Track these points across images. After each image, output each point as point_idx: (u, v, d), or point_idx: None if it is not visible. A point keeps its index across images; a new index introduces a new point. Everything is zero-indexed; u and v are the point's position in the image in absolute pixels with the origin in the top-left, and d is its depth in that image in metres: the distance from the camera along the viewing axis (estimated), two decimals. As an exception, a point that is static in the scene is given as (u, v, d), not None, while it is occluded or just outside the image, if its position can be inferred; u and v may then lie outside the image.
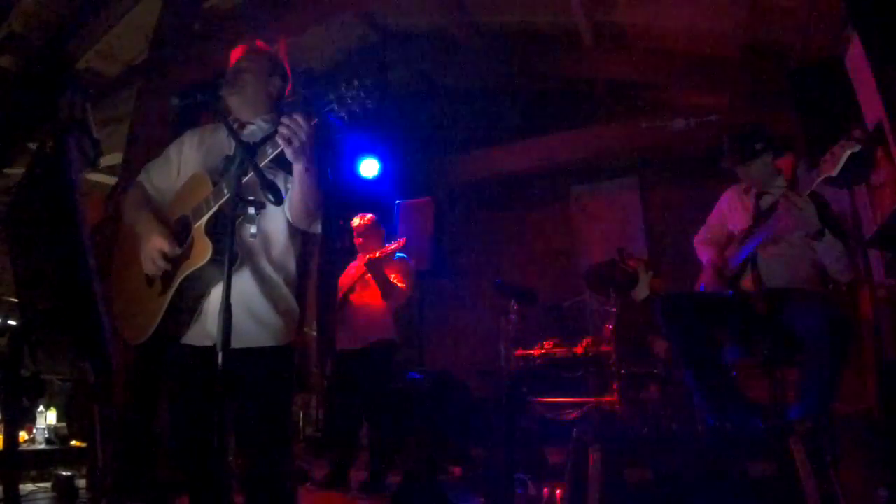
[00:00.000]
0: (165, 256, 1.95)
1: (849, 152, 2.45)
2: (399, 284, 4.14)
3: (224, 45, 2.26)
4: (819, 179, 2.54)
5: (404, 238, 4.19)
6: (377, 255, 4.06)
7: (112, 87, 5.09)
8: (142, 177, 2.21)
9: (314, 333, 4.95)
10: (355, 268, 4.39)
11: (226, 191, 1.85)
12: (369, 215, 4.44)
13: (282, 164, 1.93)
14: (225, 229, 1.74)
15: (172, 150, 2.21)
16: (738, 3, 4.39)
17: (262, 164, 1.86)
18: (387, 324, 4.21)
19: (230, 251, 1.66)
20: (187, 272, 1.94)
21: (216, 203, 1.91)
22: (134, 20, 4.64)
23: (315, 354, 4.91)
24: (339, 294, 4.34)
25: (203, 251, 1.91)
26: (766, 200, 2.84)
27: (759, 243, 2.78)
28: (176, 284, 1.96)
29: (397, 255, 4.19)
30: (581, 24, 5.16)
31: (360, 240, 4.38)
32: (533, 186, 6.74)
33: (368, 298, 4.18)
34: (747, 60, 4.98)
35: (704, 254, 3.14)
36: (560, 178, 6.61)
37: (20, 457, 3.44)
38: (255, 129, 2.12)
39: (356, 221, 4.42)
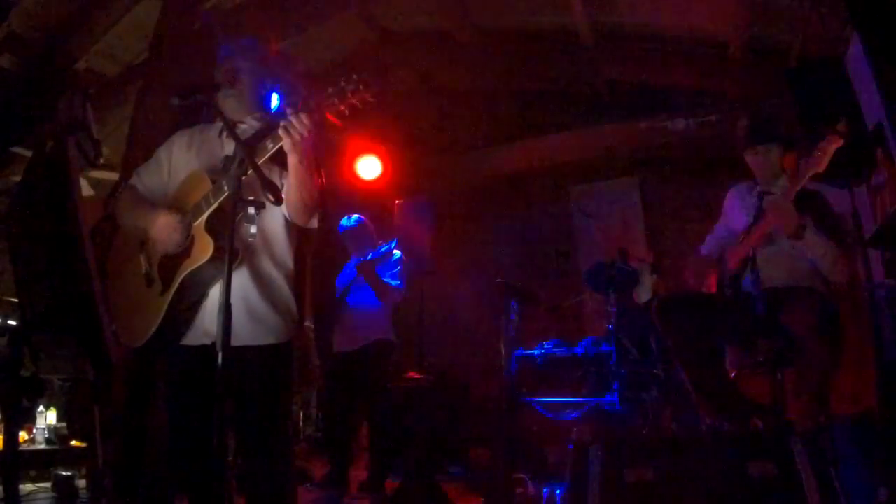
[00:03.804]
0: (182, 223, 1.94)
1: (834, 147, 2.47)
2: (393, 283, 4.12)
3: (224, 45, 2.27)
4: (807, 176, 2.56)
5: (395, 239, 4.16)
6: (368, 257, 4.03)
7: (112, 87, 5.09)
8: (133, 180, 2.22)
9: (312, 326, 4.94)
10: (350, 268, 4.37)
11: (226, 187, 1.85)
12: (355, 217, 4.40)
13: (277, 159, 1.93)
14: (225, 226, 1.74)
15: (162, 152, 2.22)
16: (738, 2, 4.39)
17: (262, 159, 1.88)
18: (384, 324, 4.19)
19: (230, 249, 1.67)
20: (188, 270, 1.94)
21: (216, 200, 1.91)
22: (134, 20, 4.64)
23: (315, 348, 4.90)
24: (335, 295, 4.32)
25: (204, 249, 1.91)
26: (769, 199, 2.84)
27: (756, 240, 2.78)
28: (177, 283, 1.95)
29: (393, 253, 4.16)
30: (581, 24, 5.16)
31: (347, 242, 4.36)
32: (533, 186, 6.73)
33: (364, 299, 4.16)
34: (747, 60, 4.98)
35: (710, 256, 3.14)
36: (560, 178, 6.59)
37: (20, 457, 3.44)
38: (246, 127, 2.14)
39: (343, 223, 4.41)
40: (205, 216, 1.93)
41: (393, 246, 4.04)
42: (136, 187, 2.19)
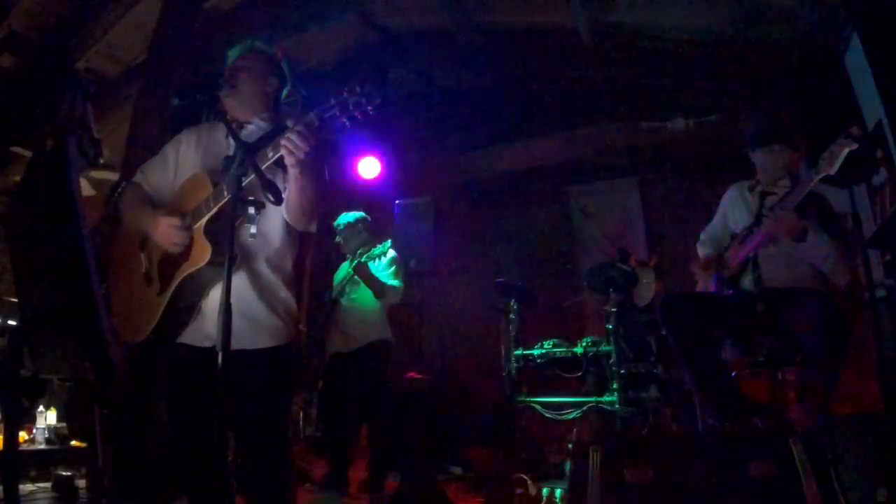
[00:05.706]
0: (183, 226, 1.94)
1: (846, 150, 2.46)
2: (391, 282, 4.08)
3: (224, 45, 2.27)
4: (817, 178, 2.55)
5: (389, 239, 4.11)
6: (362, 258, 3.98)
7: (112, 87, 5.10)
8: (138, 177, 2.21)
9: (304, 329, 4.92)
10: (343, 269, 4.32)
11: (226, 192, 1.85)
12: (352, 215, 4.35)
13: (280, 162, 1.93)
14: (224, 231, 1.73)
15: (169, 149, 2.20)
16: (739, 2, 4.39)
17: (262, 167, 1.87)
18: (381, 324, 4.11)
19: (230, 251, 1.66)
20: (186, 273, 1.94)
21: (216, 204, 1.91)
22: (134, 20, 4.64)
23: (307, 350, 4.87)
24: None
25: (202, 253, 1.91)
26: (771, 201, 2.84)
27: (758, 243, 2.78)
28: (175, 284, 1.96)
29: (389, 252, 4.12)
30: (581, 24, 5.16)
31: (339, 240, 4.33)
32: (533, 186, 6.74)
33: (359, 299, 4.09)
34: (747, 60, 4.98)
35: (701, 253, 3.14)
36: (560, 178, 6.60)
37: (20, 457, 3.44)
38: (253, 128, 2.13)
39: (340, 219, 4.35)
40: (204, 220, 1.93)
41: (387, 246, 4.00)
42: (141, 185, 2.18)
